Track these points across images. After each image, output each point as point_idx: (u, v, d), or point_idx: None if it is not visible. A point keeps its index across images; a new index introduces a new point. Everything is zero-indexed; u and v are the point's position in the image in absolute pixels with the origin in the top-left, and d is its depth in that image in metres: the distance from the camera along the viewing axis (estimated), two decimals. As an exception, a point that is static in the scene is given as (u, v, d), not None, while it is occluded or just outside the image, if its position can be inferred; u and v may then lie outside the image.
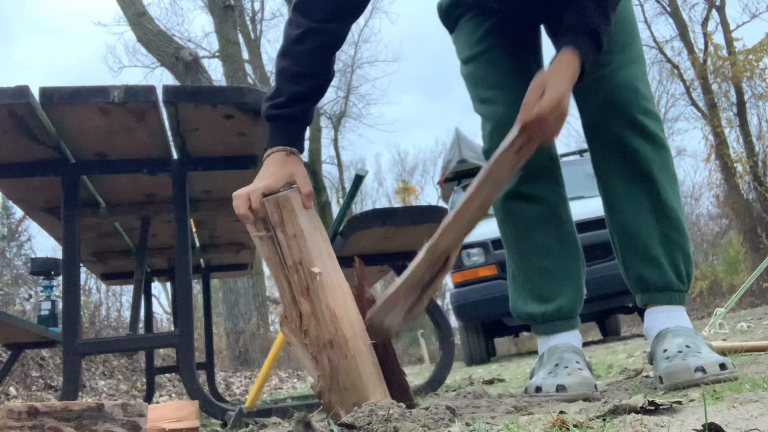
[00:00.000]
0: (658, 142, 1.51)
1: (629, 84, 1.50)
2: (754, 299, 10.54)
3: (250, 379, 6.39)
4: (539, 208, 1.61)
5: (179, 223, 1.96)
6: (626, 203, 1.53)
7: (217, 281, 8.44)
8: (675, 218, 1.51)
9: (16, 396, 3.53)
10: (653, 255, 1.50)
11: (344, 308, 1.21)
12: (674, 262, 1.50)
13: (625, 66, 1.52)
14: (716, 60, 14.46)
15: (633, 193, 1.52)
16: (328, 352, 1.18)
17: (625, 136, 1.50)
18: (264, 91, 1.86)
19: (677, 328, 1.44)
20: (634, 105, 1.49)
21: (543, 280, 1.60)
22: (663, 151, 1.52)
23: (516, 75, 1.61)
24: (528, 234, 1.63)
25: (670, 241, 1.50)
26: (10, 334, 2.38)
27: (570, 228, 1.64)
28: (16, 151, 1.90)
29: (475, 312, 5.86)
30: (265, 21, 17.09)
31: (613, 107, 1.50)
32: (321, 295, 1.20)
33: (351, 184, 2.45)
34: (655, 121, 1.52)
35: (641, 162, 1.50)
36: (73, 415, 0.90)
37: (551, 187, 1.63)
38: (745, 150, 14.19)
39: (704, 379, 1.26)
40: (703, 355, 1.32)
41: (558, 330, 1.58)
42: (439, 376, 2.40)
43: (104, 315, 6.71)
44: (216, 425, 1.95)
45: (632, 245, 1.53)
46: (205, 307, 3.60)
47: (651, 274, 1.50)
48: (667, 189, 1.51)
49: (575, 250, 1.63)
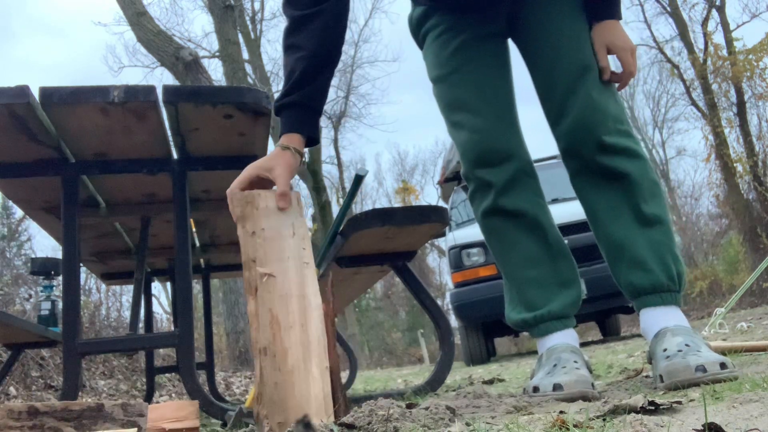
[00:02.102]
0: (633, 155, 1.54)
1: (597, 106, 1.53)
2: (754, 299, 10.53)
3: (250, 379, 6.39)
4: (519, 222, 1.64)
5: (179, 223, 1.96)
6: (607, 214, 1.56)
7: (217, 281, 8.44)
8: (658, 222, 1.52)
9: (16, 396, 3.53)
10: (640, 259, 1.51)
11: (294, 319, 1.13)
12: (663, 262, 1.50)
13: (592, 88, 1.55)
14: (716, 60, 14.45)
15: (613, 204, 1.55)
16: (261, 359, 1.11)
17: (598, 158, 1.54)
18: (264, 91, 1.87)
19: (676, 327, 1.45)
20: (602, 127, 1.53)
21: (533, 289, 1.62)
22: (639, 161, 1.55)
23: (484, 96, 1.64)
24: (512, 248, 1.66)
25: (655, 243, 1.51)
26: (10, 334, 2.38)
27: (554, 234, 1.65)
28: (16, 151, 1.90)
29: (475, 312, 5.86)
30: (265, 21, 17.15)
31: (582, 132, 1.53)
32: (266, 298, 1.14)
33: (351, 184, 2.45)
34: (625, 138, 1.55)
35: (618, 175, 1.53)
36: (73, 415, 0.90)
37: (529, 198, 1.64)
38: (745, 150, 14.18)
39: (704, 378, 1.26)
40: (703, 354, 1.32)
41: (551, 330, 1.59)
42: (439, 376, 2.40)
43: (104, 315, 6.71)
44: (216, 425, 1.95)
45: (618, 253, 1.55)
46: (205, 307, 3.60)
47: (640, 278, 1.51)
48: (646, 197, 1.53)
49: (563, 255, 1.65)
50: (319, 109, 1.42)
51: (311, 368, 1.11)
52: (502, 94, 1.66)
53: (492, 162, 1.62)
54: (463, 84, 1.66)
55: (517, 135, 1.66)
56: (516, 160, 1.63)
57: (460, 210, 6.96)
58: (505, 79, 1.69)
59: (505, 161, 1.62)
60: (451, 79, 1.67)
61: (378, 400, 1.09)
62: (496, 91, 1.65)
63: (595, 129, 1.53)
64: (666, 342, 1.41)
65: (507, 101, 1.66)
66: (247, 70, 12.13)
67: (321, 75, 1.41)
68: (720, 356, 1.31)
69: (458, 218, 6.80)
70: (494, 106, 1.64)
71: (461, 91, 1.66)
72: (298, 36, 1.40)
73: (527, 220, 1.64)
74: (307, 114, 1.39)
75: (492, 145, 1.62)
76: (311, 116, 1.40)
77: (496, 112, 1.63)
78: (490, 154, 1.62)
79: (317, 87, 1.40)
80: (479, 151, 1.63)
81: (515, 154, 1.63)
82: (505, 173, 1.62)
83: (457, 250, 5.98)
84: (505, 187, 1.62)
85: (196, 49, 12.64)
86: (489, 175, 1.63)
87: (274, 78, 16.36)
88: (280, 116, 1.40)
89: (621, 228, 1.54)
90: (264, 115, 1.87)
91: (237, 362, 8.45)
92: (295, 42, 1.41)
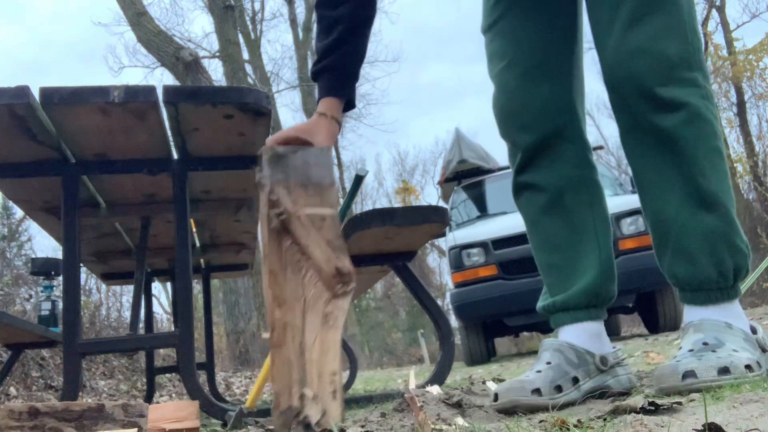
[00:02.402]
0: (692, 112, 1.25)
1: (643, 48, 1.25)
2: (754, 299, 10.54)
3: (250, 379, 6.39)
4: (539, 198, 1.44)
5: (179, 223, 1.96)
6: (657, 188, 1.30)
7: (217, 281, 8.44)
8: (716, 203, 1.26)
9: (16, 396, 3.53)
10: (687, 249, 1.27)
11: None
12: (716, 256, 1.25)
13: (636, 23, 1.27)
14: (716, 60, 14.46)
15: (664, 177, 1.28)
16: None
17: (649, 116, 1.26)
18: (264, 91, 1.87)
19: (702, 321, 1.25)
20: (652, 76, 1.25)
21: (551, 276, 1.44)
22: (699, 121, 1.25)
23: (519, 48, 1.44)
24: (533, 228, 1.47)
25: (709, 231, 1.25)
26: (11, 334, 2.38)
27: (582, 214, 1.41)
28: (16, 151, 1.90)
29: (475, 312, 5.85)
30: (265, 21, 17.11)
31: (629, 83, 1.27)
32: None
33: (351, 184, 2.45)
34: (686, 86, 1.26)
35: (672, 142, 1.26)
36: (74, 415, 0.90)
37: (556, 170, 1.42)
38: (745, 150, 14.19)
39: (692, 385, 1.11)
40: (718, 354, 1.15)
41: (560, 323, 1.40)
42: (439, 376, 2.40)
43: (104, 315, 6.71)
44: (216, 425, 1.95)
45: (664, 238, 1.31)
46: (205, 307, 3.60)
47: (684, 271, 1.28)
48: (705, 169, 1.25)
49: (589, 240, 1.40)
50: (356, 73, 1.37)
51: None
52: (544, 42, 1.42)
53: (516, 126, 1.44)
54: (501, 36, 1.46)
55: (557, 91, 1.42)
56: (546, 122, 1.41)
57: (460, 210, 6.96)
58: (555, 24, 1.43)
59: (531, 124, 1.41)
60: (491, 32, 1.49)
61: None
62: (536, 40, 1.42)
63: (644, 79, 1.25)
64: (684, 340, 1.24)
65: (550, 51, 1.42)
66: (247, 71, 12.14)
67: (356, 36, 1.35)
68: (736, 358, 1.14)
69: (458, 218, 6.80)
70: (532, 56, 1.42)
71: (497, 45, 1.47)
72: (325, 8, 1.35)
73: (548, 196, 1.42)
74: (344, 77, 1.35)
75: (516, 105, 1.43)
76: (348, 80, 1.35)
77: (531, 65, 1.42)
78: (513, 116, 1.44)
79: (353, 49, 1.35)
80: (504, 113, 1.46)
81: (546, 114, 1.40)
82: (530, 138, 1.42)
83: (457, 251, 5.98)
84: (527, 156, 1.43)
85: (196, 49, 12.63)
86: (518, 141, 1.45)
87: (274, 78, 16.37)
88: (317, 81, 1.35)
89: (670, 207, 1.28)
90: (264, 115, 1.87)
91: (237, 362, 8.45)
92: (323, 14, 1.36)
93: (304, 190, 1.12)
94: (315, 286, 1.07)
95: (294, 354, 1.02)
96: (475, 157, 7.24)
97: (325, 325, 1.05)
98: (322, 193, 1.13)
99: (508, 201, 6.36)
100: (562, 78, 1.43)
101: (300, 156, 1.15)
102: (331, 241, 1.10)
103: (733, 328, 1.23)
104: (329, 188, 1.14)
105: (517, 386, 1.21)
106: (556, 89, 1.42)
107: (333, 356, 1.04)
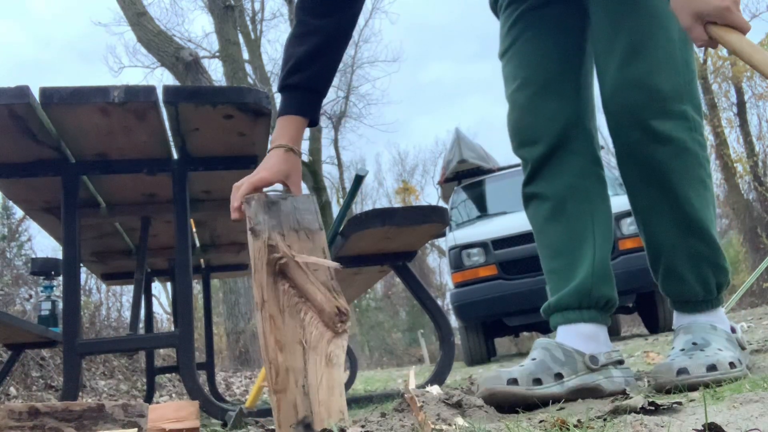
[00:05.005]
0: (680, 146, 1.35)
1: (639, 83, 1.34)
2: (754, 299, 10.54)
3: (250, 379, 6.39)
4: (543, 207, 1.50)
5: (179, 223, 1.96)
6: (648, 216, 1.43)
7: (217, 281, 8.44)
8: (701, 229, 1.38)
9: (16, 396, 3.53)
10: (677, 271, 1.41)
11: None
12: (701, 276, 1.40)
13: (634, 57, 1.35)
14: (716, 60, 14.46)
15: (655, 206, 1.41)
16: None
17: (642, 146, 1.37)
18: (264, 91, 1.87)
19: (690, 324, 1.39)
20: (647, 109, 1.34)
21: (552, 282, 1.48)
22: (686, 155, 1.36)
23: (530, 68, 1.50)
24: (539, 236, 1.52)
25: (696, 256, 1.39)
26: (11, 334, 2.38)
27: (583, 221, 1.46)
28: (16, 151, 1.90)
29: (475, 312, 5.86)
30: (265, 21, 17.11)
31: (626, 113, 1.37)
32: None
33: (351, 185, 2.45)
34: (676, 120, 1.35)
35: (661, 173, 1.37)
36: (74, 415, 0.90)
37: (560, 179, 1.47)
38: (745, 150, 14.20)
39: (686, 381, 1.21)
40: (706, 353, 1.27)
41: (555, 324, 1.44)
42: (439, 376, 2.40)
43: (104, 315, 6.70)
44: (216, 425, 1.95)
45: (656, 258, 1.45)
46: (205, 307, 3.60)
47: (674, 288, 1.43)
48: (691, 199, 1.37)
49: (587, 247, 1.44)
50: (326, 91, 1.37)
51: None
52: (553, 62, 1.49)
53: (525, 141, 1.50)
54: (515, 58, 1.53)
55: (563, 106, 1.47)
56: (552, 135, 1.46)
57: (460, 210, 6.97)
58: (562, 46, 1.49)
59: (538, 139, 1.47)
60: (507, 55, 1.55)
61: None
62: (545, 61, 1.49)
63: (639, 111, 1.34)
64: (676, 341, 1.38)
65: (558, 70, 1.49)
66: (247, 71, 12.14)
67: (333, 51, 1.36)
68: (721, 356, 1.26)
69: (458, 218, 6.80)
70: (540, 77, 1.49)
71: (510, 68, 1.54)
72: (309, 15, 1.35)
73: (551, 205, 1.48)
74: (316, 96, 1.35)
75: (525, 122, 1.50)
76: (319, 99, 1.36)
77: (540, 84, 1.48)
78: (522, 132, 1.51)
79: (329, 64, 1.35)
80: (514, 130, 1.52)
81: (552, 129, 1.46)
82: (537, 151, 1.48)
83: (457, 251, 5.98)
84: (534, 168, 1.49)
85: (196, 49, 12.65)
86: (526, 155, 1.51)
87: (274, 78, 16.36)
88: (285, 93, 1.34)
89: (660, 232, 1.42)
90: (264, 115, 1.87)
91: (237, 362, 8.45)
92: (305, 20, 1.35)
93: (297, 235, 1.15)
94: (316, 327, 1.08)
95: (299, 397, 1.03)
96: (475, 157, 7.25)
97: (329, 365, 1.06)
98: (314, 238, 1.17)
99: (508, 201, 6.38)
100: (569, 94, 1.49)
101: (290, 202, 1.19)
102: (326, 282, 1.12)
103: (717, 330, 1.37)
104: (319, 233, 1.18)
105: (494, 375, 1.26)
106: (562, 105, 1.48)
107: (339, 394, 1.05)
